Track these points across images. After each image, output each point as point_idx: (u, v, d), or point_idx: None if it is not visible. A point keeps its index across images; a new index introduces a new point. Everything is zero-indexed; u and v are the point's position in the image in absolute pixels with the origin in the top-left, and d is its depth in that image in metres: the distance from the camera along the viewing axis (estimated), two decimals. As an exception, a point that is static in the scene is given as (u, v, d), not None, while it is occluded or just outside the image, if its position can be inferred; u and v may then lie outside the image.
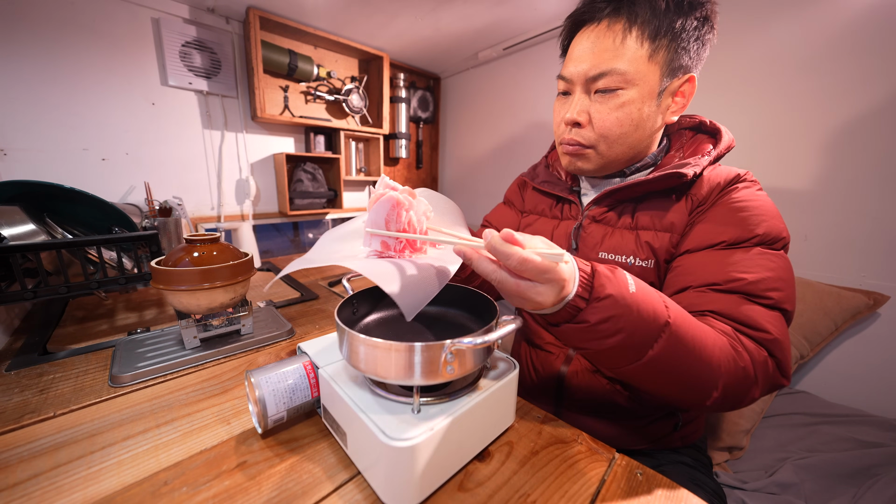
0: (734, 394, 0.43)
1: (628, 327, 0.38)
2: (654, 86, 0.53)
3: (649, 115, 0.55)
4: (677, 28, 0.50)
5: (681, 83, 0.55)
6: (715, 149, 0.57)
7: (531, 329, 0.75)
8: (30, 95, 1.09)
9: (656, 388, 0.45)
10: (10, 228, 0.67)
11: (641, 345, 0.39)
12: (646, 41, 0.51)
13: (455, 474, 0.41)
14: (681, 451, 0.66)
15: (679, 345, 0.40)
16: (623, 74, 0.52)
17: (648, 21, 0.50)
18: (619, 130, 0.56)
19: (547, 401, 0.69)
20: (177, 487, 0.39)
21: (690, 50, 0.52)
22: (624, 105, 0.54)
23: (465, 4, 1.37)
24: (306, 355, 0.50)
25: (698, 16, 0.51)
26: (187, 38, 1.32)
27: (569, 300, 0.37)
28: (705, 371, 0.41)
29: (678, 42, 0.51)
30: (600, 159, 0.60)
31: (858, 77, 0.99)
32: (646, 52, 0.51)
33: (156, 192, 1.22)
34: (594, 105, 0.56)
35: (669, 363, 0.40)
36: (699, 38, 0.52)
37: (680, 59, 0.52)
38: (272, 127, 1.64)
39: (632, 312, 0.38)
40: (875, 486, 0.68)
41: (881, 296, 0.98)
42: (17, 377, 0.59)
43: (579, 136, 0.59)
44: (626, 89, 0.53)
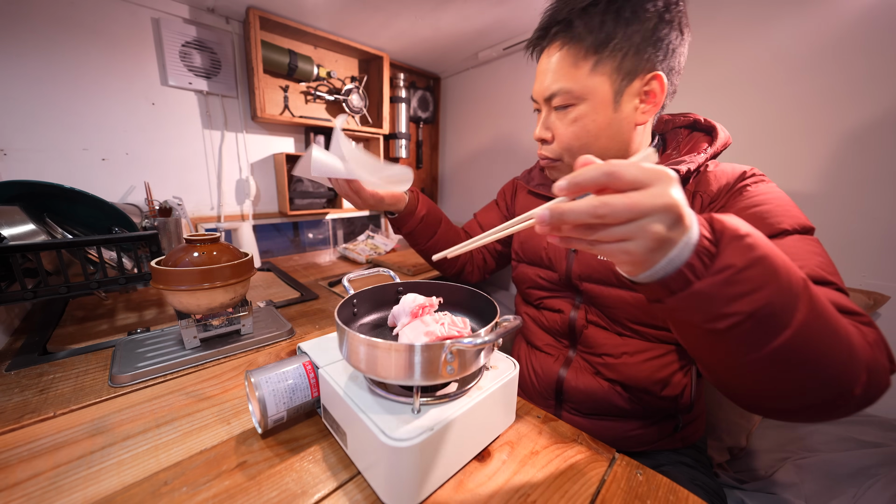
0: (875, 380, 0.34)
1: (774, 278, 0.29)
2: (606, 95, 0.54)
3: (609, 122, 0.56)
4: (618, 38, 0.51)
5: (643, 84, 0.54)
6: (711, 146, 0.56)
7: (529, 329, 0.75)
8: (30, 95, 1.09)
9: (793, 385, 0.33)
10: (10, 228, 0.67)
11: (788, 305, 0.29)
12: (586, 58, 0.53)
13: (455, 474, 0.41)
14: (681, 451, 0.66)
15: (819, 307, 0.31)
16: (570, 92, 0.55)
17: (584, 38, 0.52)
18: (577, 143, 0.58)
19: (547, 403, 0.69)
20: (177, 487, 0.39)
21: (644, 52, 0.52)
22: (577, 119, 0.56)
23: (465, 4, 1.37)
24: (306, 355, 0.50)
25: (644, 19, 0.51)
26: (187, 38, 1.32)
27: (693, 239, 0.28)
28: (847, 347, 0.32)
29: (623, 50, 0.52)
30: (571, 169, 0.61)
31: (860, 77, 0.99)
32: (588, 67, 0.53)
33: (156, 192, 1.22)
34: (556, 122, 0.59)
35: (815, 334, 0.30)
36: (654, 40, 0.51)
37: (632, 64, 0.52)
38: (272, 127, 1.64)
39: (776, 259, 0.29)
40: (875, 486, 0.68)
41: (881, 296, 0.98)
42: (17, 377, 0.59)
43: (548, 150, 0.62)
44: (577, 104, 0.56)
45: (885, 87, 0.95)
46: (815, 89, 1.06)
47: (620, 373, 0.62)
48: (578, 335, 0.66)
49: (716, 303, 0.29)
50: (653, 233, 0.27)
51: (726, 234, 0.29)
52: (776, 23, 1.10)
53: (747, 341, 0.31)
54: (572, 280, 0.65)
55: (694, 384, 0.63)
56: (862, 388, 0.33)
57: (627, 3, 0.50)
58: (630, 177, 0.27)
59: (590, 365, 0.65)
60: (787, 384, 0.33)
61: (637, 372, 0.61)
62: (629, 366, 0.61)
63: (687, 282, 0.29)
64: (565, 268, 0.66)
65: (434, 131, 2.35)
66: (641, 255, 0.29)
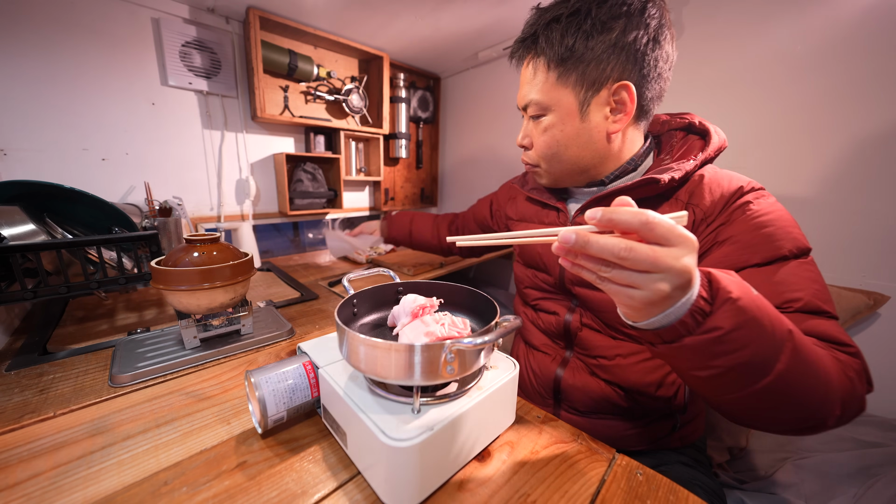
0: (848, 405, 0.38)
1: (760, 337, 0.33)
2: (572, 106, 0.56)
3: (577, 132, 0.57)
4: (579, 50, 0.52)
5: (610, 94, 0.53)
6: (703, 152, 0.55)
7: (528, 329, 0.75)
8: (30, 95, 1.09)
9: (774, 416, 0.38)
10: (10, 228, 0.67)
11: (770, 357, 0.33)
12: (550, 69, 0.55)
13: (455, 474, 0.41)
14: (680, 450, 0.66)
15: (802, 355, 0.35)
16: (538, 103, 0.58)
17: (546, 52, 0.54)
18: (549, 151, 0.61)
19: (546, 403, 0.69)
20: (177, 487, 0.39)
21: (610, 62, 0.51)
22: (547, 129, 0.59)
23: (465, 4, 1.37)
24: (306, 355, 0.50)
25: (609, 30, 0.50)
26: (187, 38, 1.32)
27: (692, 299, 0.31)
28: (824, 386, 0.36)
29: (586, 62, 0.52)
30: (549, 175, 0.65)
31: (862, 77, 0.99)
32: (553, 79, 0.55)
33: (156, 192, 1.22)
34: (532, 130, 0.62)
35: (794, 379, 0.34)
36: (619, 50, 0.51)
37: (595, 74, 0.53)
38: (272, 127, 1.64)
39: (763, 319, 0.33)
40: (875, 486, 0.68)
41: (881, 296, 0.98)
42: (17, 377, 0.59)
43: (527, 156, 0.66)
44: (546, 115, 0.58)
45: (886, 88, 0.95)
46: (816, 89, 1.06)
47: (614, 374, 0.62)
48: (573, 337, 0.67)
49: (702, 356, 0.33)
50: (659, 290, 0.30)
51: (720, 296, 0.32)
52: (777, 22, 1.10)
53: (727, 385, 0.35)
54: (566, 284, 0.66)
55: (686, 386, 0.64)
56: (835, 420, 0.38)
57: (589, 16, 0.51)
58: (661, 232, 0.28)
59: (586, 365, 0.66)
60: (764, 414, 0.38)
61: (630, 373, 0.61)
62: (623, 367, 0.62)
63: (678, 336, 0.33)
64: (559, 272, 0.67)
65: (434, 131, 2.35)
66: (641, 305, 0.31)
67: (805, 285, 0.45)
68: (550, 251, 0.66)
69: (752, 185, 0.53)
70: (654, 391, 0.61)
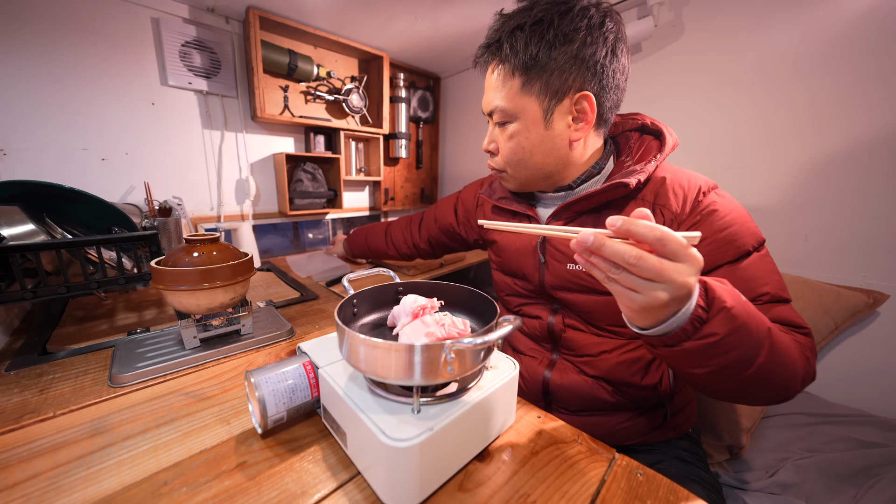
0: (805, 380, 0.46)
1: (748, 339, 0.38)
2: (536, 114, 0.56)
3: (541, 140, 0.58)
4: (543, 59, 0.52)
5: (572, 103, 0.55)
6: (661, 153, 0.57)
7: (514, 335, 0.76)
8: (30, 95, 1.09)
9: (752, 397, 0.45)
10: (9, 228, 0.67)
11: (753, 355, 0.39)
12: (514, 77, 0.55)
13: (455, 474, 0.41)
14: (676, 443, 0.67)
15: (777, 348, 0.41)
16: (504, 110, 0.58)
17: (510, 59, 0.54)
18: (514, 157, 0.61)
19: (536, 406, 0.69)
20: (177, 488, 0.39)
21: (572, 73, 0.53)
22: (513, 136, 0.59)
23: (465, 4, 1.37)
24: (306, 355, 0.50)
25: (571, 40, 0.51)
26: (187, 37, 1.32)
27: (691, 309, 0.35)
28: (792, 366, 0.43)
29: (549, 71, 0.53)
30: (515, 180, 0.65)
31: (860, 77, 0.99)
32: (517, 86, 0.55)
33: (156, 192, 1.22)
34: (498, 135, 0.62)
35: (770, 368, 0.40)
36: (580, 60, 0.52)
37: (559, 84, 0.53)
38: (272, 127, 1.64)
39: (750, 322, 0.38)
40: (876, 487, 0.68)
41: (881, 294, 0.98)
42: (17, 377, 0.59)
43: (494, 162, 0.65)
44: (511, 122, 0.58)
45: (887, 88, 0.95)
46: (815, 89, 1.06)
47: (601, 369, 0.63)
48: (558, 339, 0.68)
49: (699, 357, 0.38)
50: (658, 297, 0.33)
51: (715, 305, 0.36)
52: (777, 22, 1.10)
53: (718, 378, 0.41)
54: (546, 290, 0.67)
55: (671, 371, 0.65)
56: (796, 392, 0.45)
57: (551, 26, 0.51)
58: (672, 248, 0.32)
59: (572, 364, 0.67)
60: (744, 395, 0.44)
61: (615, 366, 0.62)
62: (608, 361, 0.63)
63: (679, 340, 0.37)
64: (538, 279, 0.68)
65: (434, 131, 2.35)
66: (639, 308, 0.35)
67: (769, 278, 0.51)
68: (528, 259, 0.68)
69: (709, 183, 0.57)
70: (640, 380, 0.62)
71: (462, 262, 1.70)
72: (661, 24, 1.30)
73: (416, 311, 0.46)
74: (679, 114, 1.29)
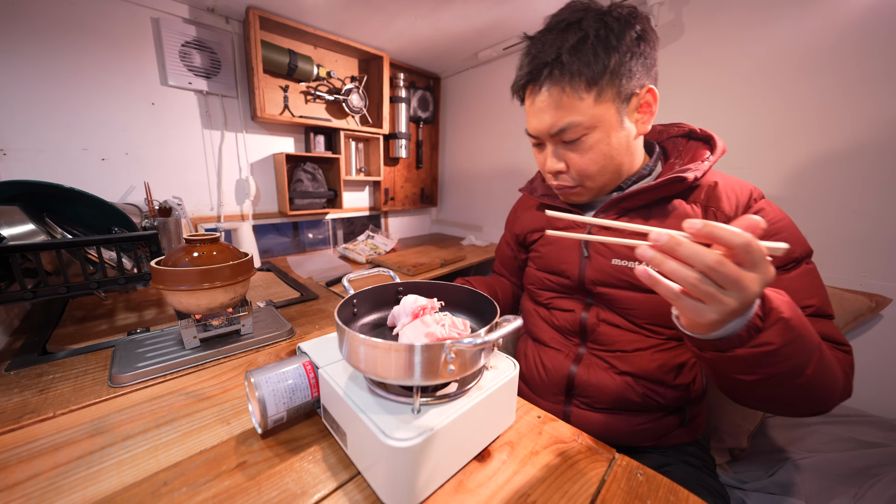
0: (843, 395, 0.46)
1: (801, 350, 0.38)
2: (614, 118, 0.57)
3: (621, 140, 0.59)
4: (612, 66, 0.53)
5: (640, 100, 0.57)
6: (713, 154, 0.59)
7: (536, 325, 0.76)
8: (29, 95, 1.09)
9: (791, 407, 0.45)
10: (9, 228, 0.67)
11: (803, 366, 0.39)
12: (588, 91, 0.55)
13: (455, 474, 0.41)
14: (686, 449, 0.66)
15: (825, 362, 0.41)
16: (580, 124, 0.56)
17: (582, 73, 0.54)
18: (595, 168, 0.60)
19: (556, 398, 0.69)
20: (177, 488, 0.39)
21: (636, 72, 0.55)
22: (592, 147, 0.58)
23: (465, 4, 1.37)
24: (306, 355, 0.50)
25: (628, 43, 0.53)
26: (187, 37, 1.32)
27: (749, 316, 0.35)
28: (834, 380, 0.43)
29: (619, 76, 0.54)
30: (591, 191, 0.65)
31: (859, 77, 0.99)
32: (591, 100, 0.55)
33: (155, 192, 1.22)
34: (567, 153, 0.61)
35: (816, 380, 0.40)
36: (639, 58, 0.54)
37: (628, 85, 0.55)
38: (272, 127, 1.64)
39: (805, 334, 0.38)
40: (876, 487, 0.68)
41: (883, 298, 0.98)
42: (17, 377, 0.59)
43: (563, 180, 0.64)
44: (589, 134, 0.57)
45: (887, 88, 0.95)
46: (814, 89, 1.06)
47: (633, 364, 0.63)
48: (590, 333, 0.67)
49: (749, 365, 0.38)
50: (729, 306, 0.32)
51: (772, 315, 0.36)
52: (777, 22, 1.10)
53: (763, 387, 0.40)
54: (585, 285, 0.67)
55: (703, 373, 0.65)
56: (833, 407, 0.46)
57: (611, 31, 0.53)
58: (755, 257, 0.31)
59: (602, 360, 0.66)
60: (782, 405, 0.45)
61: (649, 363, 0.62)
62: (641, 357, 0.62)
63: (732, 346, 0.37)
64: (577, 274, 0.68)
65: (434, 131, 2.35)
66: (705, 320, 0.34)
67: (815, 291, 0.52)
68: (570, 254, 0.69)
69: (758, 190, 0.59)
70: (673, 379, 0.62)
71: (462, 262, 1.70)
72: (662, 24, 1.30)
73: (416, 312, 0.46)
74: (679, 114, 1.29)
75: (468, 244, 2.04)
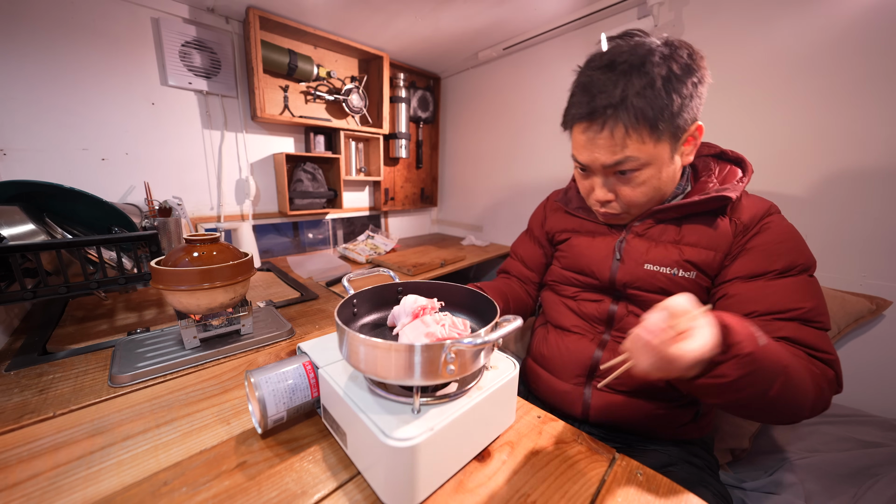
0: (815, 409, 0.50)
1: (760, 380, 0.42)
2: (667, 154, 0.59)
3: (669, 174, 0.62)
4: (675, 110, 0.55)
5: (688, 134, 0.60)
6: (745, 175, 0.64)
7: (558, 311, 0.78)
8: (29, 95, 1.09)
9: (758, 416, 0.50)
10: (9, 228, 0.67)
11: (766, 389, 0.43)
12: (650, 135, 0.56)
13: (455, 474, 0.41)
14: (693, 448, 0.67)
15: (790, 382, 0.45)
16: (637, 159, 0.58)
17: (647, 118, 0.55)
18: (644, 199, 0.64)
19: (577, 380, 0.71)
20: (177, 488, 0.39)
21: (691, 110, 0.57)
22: (645, 181, 0.61)
23: (465, 4, 1.37)
24: (306, 355, 0.50)
25: (689, 88, 0.55)
26: (187, 37, 1.32)
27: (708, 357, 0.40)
28: (802, 397, 0.47)
29: (678, 118, 0.56)
30: (633, 216, 0.69)
31: (858, 77, 0.99)
32: (653, 138, 0.57)
33: (155, 192, 1.22)
34: (618, 185, 0.63)
35: (781, 398, 0.45)
36: (696, 99, 0.57)
37: (683, 124, 0.57)
38: (272, 127, 1.63)
39: (765, 365, 0.42)
40: (875, 487, 0.68)
41: (883, 301, 0.98)
42: (17, 377, 0.59)
43: (610, 208, 0.67)
44: (643, 169, 0.60)
45: (887, 88, 0.95)
46: (815, 89, 1.06)
47: None
48: (617, 322, 0.70)
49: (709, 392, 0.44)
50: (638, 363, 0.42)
51: (731, 350, 0.41)
52: (777, 23, 1.10)
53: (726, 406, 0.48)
54: (616, 287, 0.69)
55: None
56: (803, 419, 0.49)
57: (676, 78, 0.54)
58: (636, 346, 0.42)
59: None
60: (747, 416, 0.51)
61: None
62: None
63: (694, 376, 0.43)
64: (609, 276, 0.70)
65: (434, 131, 2.35)
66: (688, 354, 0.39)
67: (808, 299, 0.54)
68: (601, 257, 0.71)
69: (776, 207, 0.63)
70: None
71: (462, 262, 1.70)
72: (662, 24, 1.30)
73: (416, 312, 0.46)
74: (679, 114, 1.29)
75: (468, 244, 2.04)
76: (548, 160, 1.78)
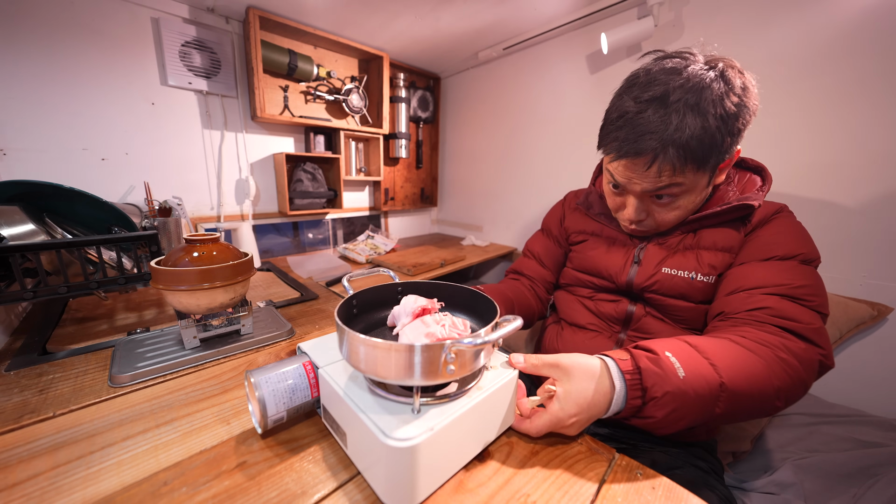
0: (793, 395, 0.49)
1: (692, 409, 0.43)
2: (706, 181, 0.60)
3: (702, 196, 0.63)
4: (724, 147, 0.55)
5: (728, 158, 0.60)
6: (765, 184, 0.65)
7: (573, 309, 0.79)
8: (29, 95, 1.09)
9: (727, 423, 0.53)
10: (9, 228, 0.67)
11: (709, 410, 0.44)
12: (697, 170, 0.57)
13: (455, 474, 0.41)
14: (698, 451, 0.67)
15: (738, 392, 0.45)
16: (679, 186, 0.59)
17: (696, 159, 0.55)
18: (677, 220, 0.65)
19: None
20: (176, 488, 0.39)
21: (735, 145, 0.58)
22: (681, 206, 0.62)
23: (465, 4, 1.37)
24: (306, 355, 0.50)
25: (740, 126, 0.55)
26: (187, 37, 1.32)
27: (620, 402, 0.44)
28: (766, 395, 0.47)
29: (726, 153, 0.57)
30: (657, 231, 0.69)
31: (858, 77, 0.99)
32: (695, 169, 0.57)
33: (155, 192, 1.22)
34: (653, 206, 0.64)
35: (735, 408, 0.46)
36: (742, 132, 0.57)
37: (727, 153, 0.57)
38: (272, 127, 1.64)
39: (690, 397, 0.43)
40: (875, 487, 0.68)
41: (885, 307, 0.98)
42: (17, 377, 0.59)
43: (641, 226, 0.68)
44: (682, 196, 0.61)
45: (887, 88, 0.95)
46: (815, 89, 1.06)
47: None
48: (633, 322, 0.71)
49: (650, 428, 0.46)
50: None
51: (648, 394, 0.43)
52: (777, 23, 1.10)
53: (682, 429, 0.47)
54: (634, 290, 0.70)
55: None
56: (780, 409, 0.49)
57: (730, 117, 0.54)
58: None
59: None
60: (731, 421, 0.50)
61: None
62: None
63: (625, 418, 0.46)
64: (626, 280, 0.71)
65: (434, 131, 2.35)
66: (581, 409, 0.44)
67: (800, 279, 0.55)
68: (619, 262, 0.72)
69: (785, 208, 0.64)
70: None
71: (462, 262, 1.70)
72: (662, 24, 1.30)
73: (416, 312, 0.46)
74: (679, 114, 1.29)
75: (468, 244, 2.04)
76: (548, 160, 1.78)
